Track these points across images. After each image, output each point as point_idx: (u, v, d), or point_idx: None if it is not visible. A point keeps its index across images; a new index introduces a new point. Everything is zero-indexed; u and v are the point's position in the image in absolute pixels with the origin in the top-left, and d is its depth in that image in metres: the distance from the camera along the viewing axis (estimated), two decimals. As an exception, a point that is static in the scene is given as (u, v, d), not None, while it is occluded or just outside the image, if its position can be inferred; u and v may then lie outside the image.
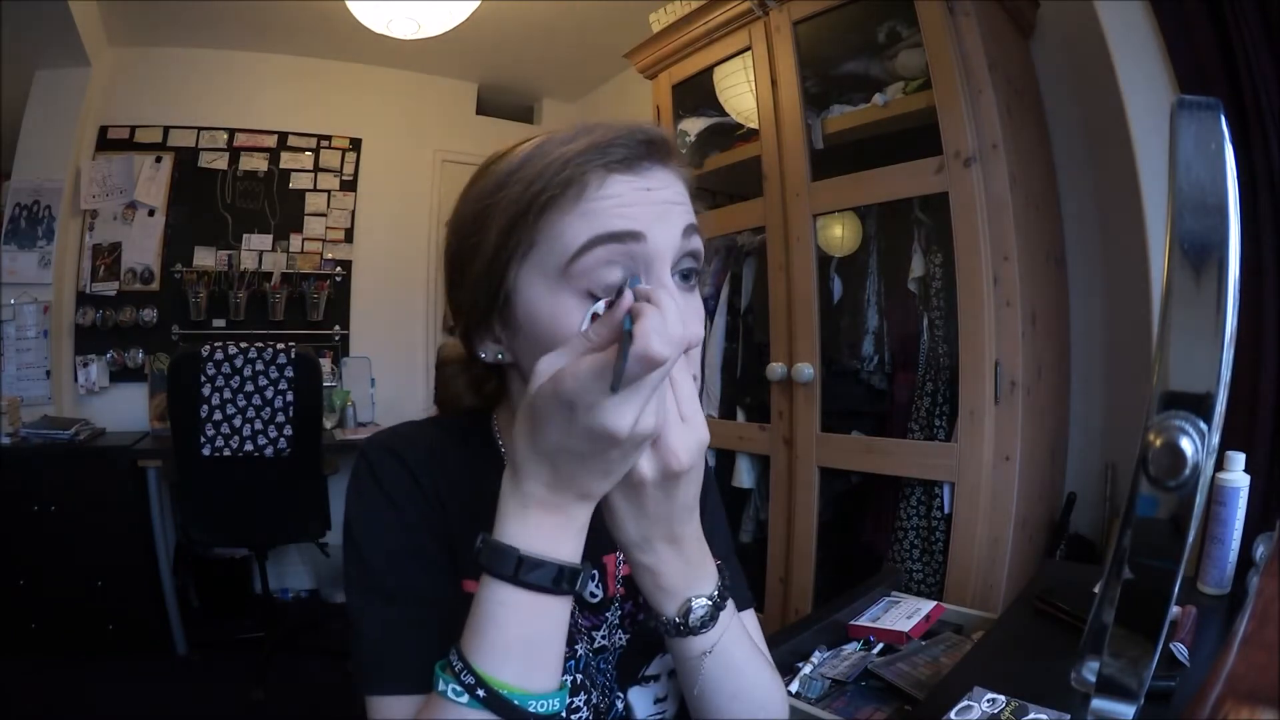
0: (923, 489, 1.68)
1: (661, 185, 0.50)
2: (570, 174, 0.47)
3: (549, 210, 0.47)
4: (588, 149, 0.48)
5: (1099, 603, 0.51)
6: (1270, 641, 0.42)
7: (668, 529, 0.48)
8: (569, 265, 0.47)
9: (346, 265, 3.33)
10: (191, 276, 3.04)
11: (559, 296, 0.48)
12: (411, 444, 0.58)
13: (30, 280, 2.75)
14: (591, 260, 0.47)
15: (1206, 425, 0.32)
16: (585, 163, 0.47)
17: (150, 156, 3.01)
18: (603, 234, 0.47)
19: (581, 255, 0.47)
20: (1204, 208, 0.31)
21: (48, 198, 2.77)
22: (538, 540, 0.44)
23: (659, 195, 0.49)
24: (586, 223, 0.47)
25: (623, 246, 0.47)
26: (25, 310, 2.74)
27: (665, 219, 0.49)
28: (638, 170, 0.49)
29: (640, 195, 0.48)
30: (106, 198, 2.93)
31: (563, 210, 0.47)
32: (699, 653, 0.52)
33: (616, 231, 0.47)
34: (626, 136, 0.49)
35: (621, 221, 0.47)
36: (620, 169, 0.48)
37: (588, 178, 0.47)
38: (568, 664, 0.56)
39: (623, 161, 0.48)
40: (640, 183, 0.49)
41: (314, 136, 3.27)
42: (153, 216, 3.01)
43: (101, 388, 2.92)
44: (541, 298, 0.48)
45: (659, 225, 0.48)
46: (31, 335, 2.75)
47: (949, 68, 1.51)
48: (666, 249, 0.49)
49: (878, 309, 1.80)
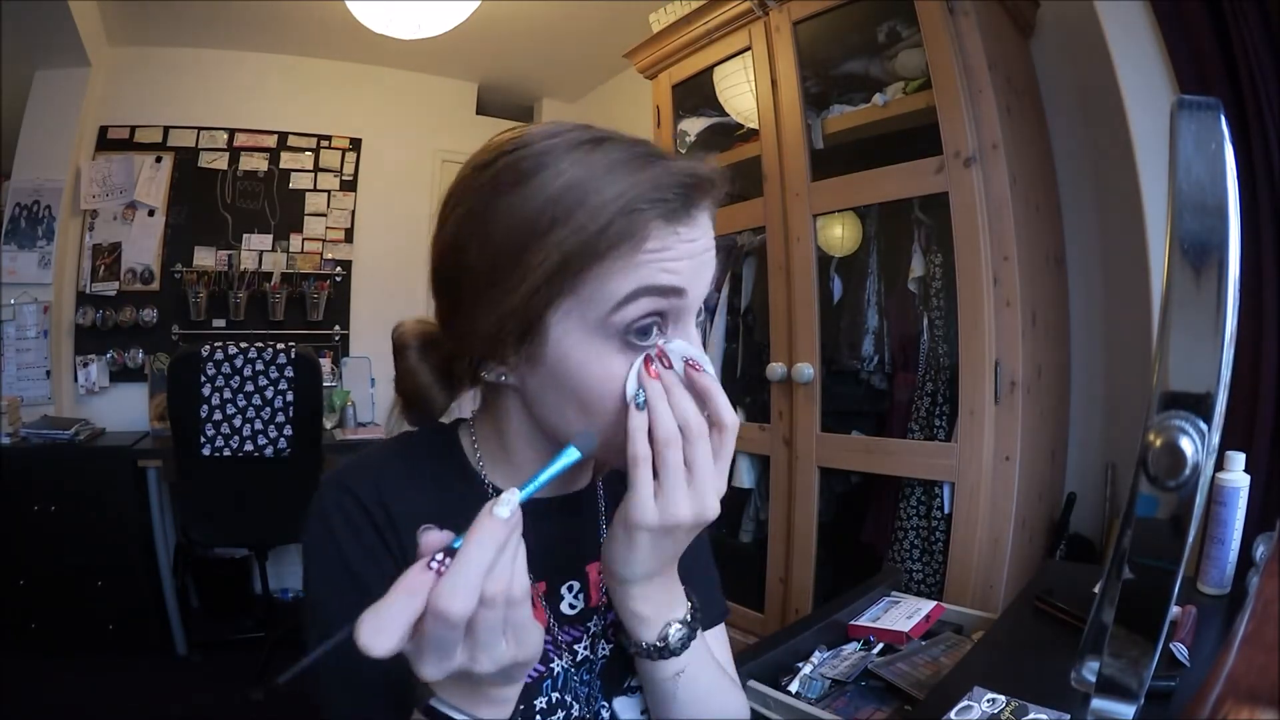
0: (923, 489, 1.68)
1: (702, 233, 0.49)
2: (630, 225, 0.45)
3: (605, 259, 0.45)
4: (648, 191, 0.46)
5: (1099, 603, 0.51)
6: (1270, 641, 0.42)
7: (656, 567, 0.50)
8: (610, 315, 0.46)
9: (346, 265, 3.33)
10: (191, 276, 3.04)
11: (594, 342, 0.47)
12: (369, 476, 0.55)
13: (30, 280, 2.75)
14: (633, 310, 0.46)
15: (1206, 425, 0.32)
16: (644, 212, 0.45)
17: (150, 156, 3.01)
18: (649, 286, 0.46)
19: (624, 306, 0.46)
20: (1204, 208, 0.31)
21: (48, 198, 2.77)
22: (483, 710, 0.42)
23: (700, 245, 0.49)
24: (635, 275, 0.46)
25: (665, 301, 0.47)
26: (25, 310, 2.74)
27: (702, 272, 0.49)
28: (685, 220, 0.48)
29: (686, 248, 0.48)
30: (106, 198, 2.92)
31: (615, 259, 0.45)
32: (672, 674, 0.53)
33: (662, 286, 0.47)
34: (684, 177, 0.47)
35: (667, 277, 0.47)
36: (674, 220, 0.47)
37: (647, 229, 0.46)
38: (543, 684, 0.55)
39: (676, 211, 0.47)
40: (688, 234, 0.48)
41: (314, 136, 3.27)
42: (153, 216, 3.01)
43: (101, 388, 2.92)
44: (577, 344, 0.48)
45: (697, 279, 0.49)
46: (31, 335, 2.75)
47: (949, 67, 1.51)
48: (698, 300, 0.50)
49: (878, 309, 1.80)
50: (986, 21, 1.53)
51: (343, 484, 0.54)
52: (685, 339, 0.50)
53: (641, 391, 0.47)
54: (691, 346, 0.50)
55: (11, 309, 2.71)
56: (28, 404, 2.67)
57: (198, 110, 3.08)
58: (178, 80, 3.03)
